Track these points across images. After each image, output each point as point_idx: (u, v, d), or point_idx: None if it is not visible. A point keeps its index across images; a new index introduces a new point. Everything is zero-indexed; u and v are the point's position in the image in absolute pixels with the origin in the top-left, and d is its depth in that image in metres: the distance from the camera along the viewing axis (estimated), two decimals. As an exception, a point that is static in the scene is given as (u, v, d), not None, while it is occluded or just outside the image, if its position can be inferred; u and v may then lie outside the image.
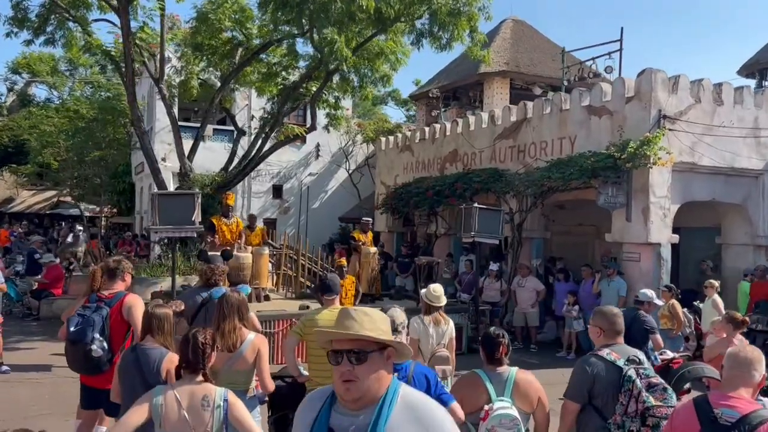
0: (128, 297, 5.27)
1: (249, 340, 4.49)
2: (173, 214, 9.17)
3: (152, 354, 4.21)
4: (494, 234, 11.79)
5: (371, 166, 24.11)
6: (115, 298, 5.24)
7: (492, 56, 19.83)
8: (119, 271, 5.32)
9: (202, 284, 5.72)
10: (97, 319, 5.10)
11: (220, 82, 18.36)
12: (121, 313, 5.17)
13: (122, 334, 5.21)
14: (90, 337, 5.04)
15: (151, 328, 4.30)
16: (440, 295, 5.94)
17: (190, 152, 16.20)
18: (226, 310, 4.51)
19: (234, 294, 4.68)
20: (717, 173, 11.79)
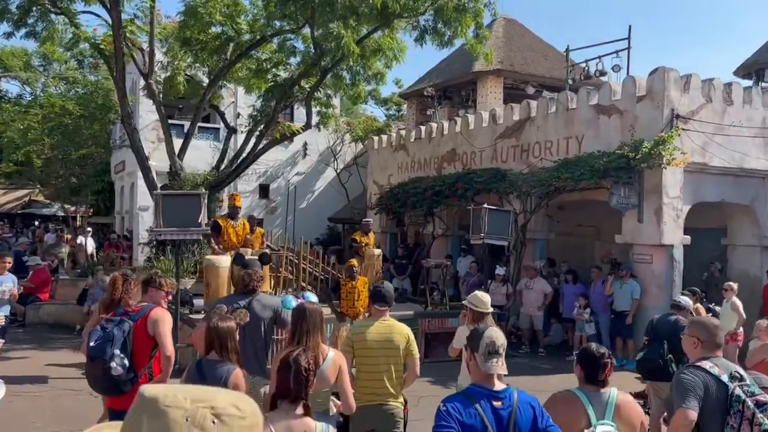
0: (154, 311, 4.83)
1: (330, 357, 4.11)
2: (178, 215, 8.71)
3: (219, 370, 3.87)
4: (503, 235, 11.51)
5: (360, 166, 23.72)
6: (141, 311, 4.81)
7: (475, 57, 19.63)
8: (153, 283, 4.89)
9: (240, 291, 5.29)
10: (117, 333, 4.65)
11: (207, 79, 17.85)
12: (146, 328, 4.73)
13: (147, 351, 4.77)
14: (109, 353, 4.59)
15: (214, 345, 3.96)
16: (487, 301, 5.60)
17: (180, 151, 15.64)
18: (309, 324, 4.10)
19: (315, 306, 4.28)
20: (726, 174, 11.67)
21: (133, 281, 5.92)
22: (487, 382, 3.02)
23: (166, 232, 8.68)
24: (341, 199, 23.34)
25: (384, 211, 17.25)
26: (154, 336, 4.73)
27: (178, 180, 14.92)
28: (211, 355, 3.94)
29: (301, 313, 4.18)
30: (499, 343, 3.06)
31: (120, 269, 6.24)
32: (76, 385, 8.76)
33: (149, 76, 14.95)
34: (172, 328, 5.03)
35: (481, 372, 3.02)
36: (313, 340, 4.04)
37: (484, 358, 3.00)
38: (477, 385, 3.03)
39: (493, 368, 2.99)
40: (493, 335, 3.07)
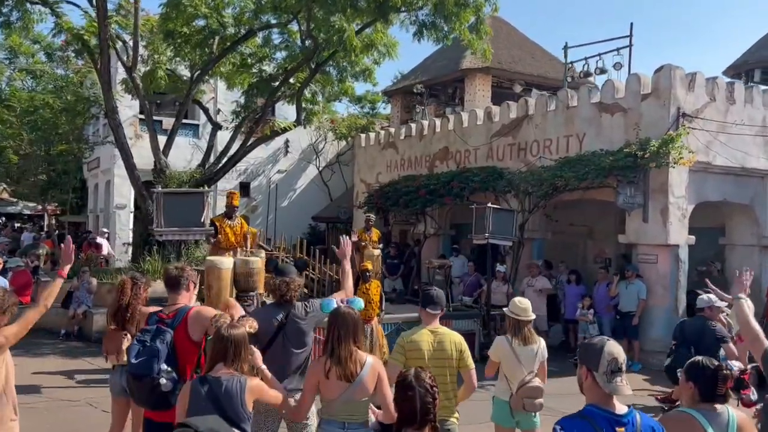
0: (193, 311, 4.40)
1: (368, 365, 3.76)
2: (179, 214, 8.27)
3: (229, 385, 3.49)
4: (508, 235, 11.30)
5: (343, 164, 23.34)
6: (178, 316, 4.35)
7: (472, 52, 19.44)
8: (183, 280, 4.42)
9: (276, 301, 4.88)
10: (161, 347, 4.19)
11: (189, 73, 17.28)
12: (187, 332, 4.30)
13: (192, 357, 4.34)
14: (156, 369, 4.14)
15: (226, 355, 3.56)
16: (527, 308, 5.27)
17: (165, 147, 15.10)
18: (342, 331, 3.75)
19: (348, 310, 3.92)
20: (728, 173, 11.65)
21: (142, 285, 5.48)
22: (608, 403, 2.73)
23: (167, 232, 8.22)
24: (323, 197, 22.93)
25: (374, 210, 16.89)
26: (198, 341, 4.30)
27: (163, 177, 14.39)
28: (217, 370, 3.56)
29: (333, 318, 3.87)
30: (621, 359, 2.77)
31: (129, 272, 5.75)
32: (72, 395, 8.27)
33: (132, 70, 14.37)
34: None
35: (603, 392, 2.72)
36: (345, 348, 3.72)
37: (606, 378, 2.70)
38: (596, 407, 2.73)
39: (619, 389, 2.70)
40: (614, 350, 2.77)
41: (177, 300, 4.42)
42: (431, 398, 2.64)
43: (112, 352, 5.30)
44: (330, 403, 3.77)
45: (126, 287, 5.29)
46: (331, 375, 3.69)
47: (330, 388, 3.74)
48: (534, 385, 4.96)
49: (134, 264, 13.42)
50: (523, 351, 5.07)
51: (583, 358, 2.83)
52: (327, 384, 3.73)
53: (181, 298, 4.43)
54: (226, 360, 3.56)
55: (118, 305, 5.31)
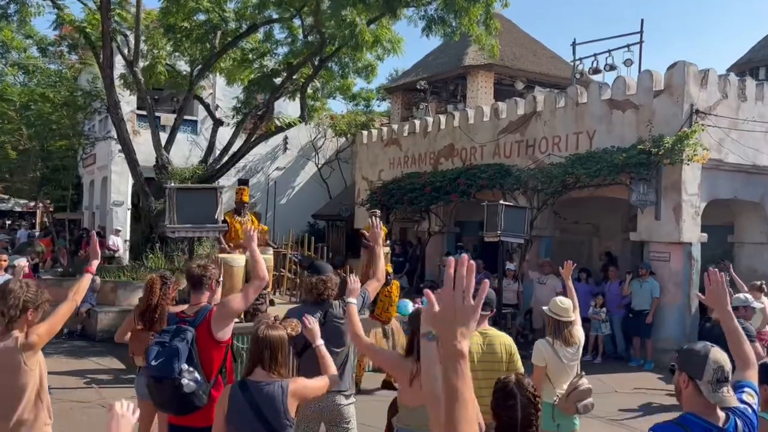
0: (216, 309, 4.23)
1: None
2: (193, 211, 8.08)
3: (271, 391, 3.31)
4: (519, 233, 11.19)
5: (342, 161, 23.18)
6: (200, 314, 4.15)
7: (475, 49, 19.32)
8: (206, 279, 4.24)
9: (313, 300, 4.71)
10: (182, 346, 4.00)
11: (189, 68, 17.06)
12: (210, 331, 4.11)
13: (215, 358, 4.17)
14: (177, 369, 3.95)
15: (262, 358, 3.36)
16: (569, 307, 5.12)
17: (167, 143, 14.87)
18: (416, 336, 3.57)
19: None
20: (739, 171, 11.59)
21: (171, 284, 5.31)
22: (710, 414, 2.56)
23: (181, 229, 8.02)
24: (322, 195, 22.76)
25: (377, 207, 16.73)
26: (222, 340, 4.13)
27: (165, 173, 14.16)
28: (256, 374, 3.36)
29: (416, 321, 3.65)
30: (728, 367, 2.61)
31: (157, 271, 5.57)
32: (83, 396, 8.07)
33: (134, 64, 14.12)
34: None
35: (706, 402, 2.56)
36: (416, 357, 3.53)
37: (711, 387, 2.53)
38: (696, 416, 2.56)
39: (726, 399, 2.54)
40: (720, 358, 2.61)
41: (200, 300, 4.23)
42: (534, 409, 2.48)
43: (140, 353, 5.11)
44: (411, 411, 3.56)
45: (155, 286, 5.11)
46: (415, 382, 3.47)
47: (413, 395, 3.50)
48: (586, 387, 4.81)
49: (136, 262, 13.19)
50: (566, 352, 4.93)
51: (685, 365, 2.65)
52: (410, 391, 3.51)
53: (204, 297, 4.25)
54: (263, 364, 3.36)
55: (147, 305, 5.13)
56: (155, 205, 13.66)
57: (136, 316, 5.23)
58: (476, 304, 1.61)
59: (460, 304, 1.59)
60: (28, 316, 3.46)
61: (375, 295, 4.85)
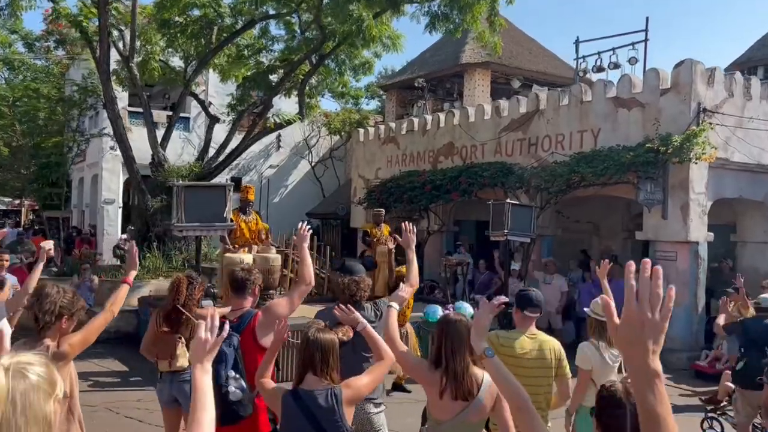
0: (262, 314, 4.07)
1: (487, 382, 3.33)
2: (201, 209, 7.87)
3: (325, 399, 3.13)
4: (526, 232, 11.08)
5: (336, 159, 22.99)
6: (244, 320, 4.01)
7: (472, 47, 19.21)
8: (250, 283, 4.08)
9: (344, 302, 4.53)
10: (228, 351, 3.84)
11: (184, 64, 16.79)
12: (254, 337, 3.96)
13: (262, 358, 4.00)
14: (223, 376, 3.78)
15: (313, 362, 3.19)
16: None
17: (163, 140, 14.60)
18: (455, 343, 3.33)
19: (460, 318, 3.56)
20: (744, 170, 11.57)
21: (198, 285, 5.12)
22: None
23: (189, 228, 7.81)
24: (316, 193, 22.56)
25: (375, 205, 16.57)
26: (265, 347, 3.96)
27: (161, 171, 13.92)
28: (307, 381, 3.18)
29: (444, 328, 3.42)
30: None
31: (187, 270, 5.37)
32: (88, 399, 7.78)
33: (130, 59, 13.84)
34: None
35: None
36: (460, 362, 3.31)
37: None
38: None
39: None
40: None
41: (242, 304, 4.07)
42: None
43: (164, 357, 4.92)
44: (440, 424, 3.38)
45: (182, 286, 4.92)
46: (445, 395, 3.29)
47: (443, 407, 3.33)
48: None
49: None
50: (611, 354, 4.80)
51: None
52: (439, 404, 3.33)
53: (247, 302, 4.10)
54: (314, 369, 3.19)
55: (173, 306, 4.93)
56: (152, 203, 13.40)
57: (161, 317, 5.03)
58: (664, 315, 1.45)
59: (649, 317, 1.43)
60: (63, 323, 3.26)
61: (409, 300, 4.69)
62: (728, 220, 12.82)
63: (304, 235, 4.08)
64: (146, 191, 13.49)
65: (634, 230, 14.79)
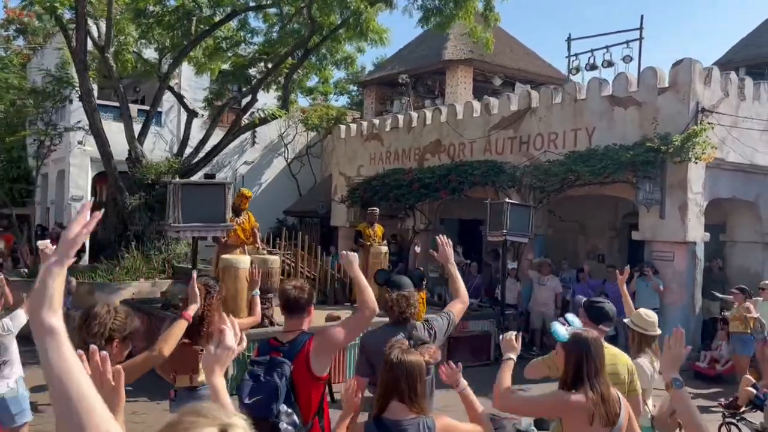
0: (316, 340, 3.61)
1: (623, 401, 3.09)
2: (200, 208, 7.42)
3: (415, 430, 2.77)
4: (524, 232, 10.87)
5: (313, 156, 22.53)
6: (296, 344, 3.54)
7: (454, 43, 18.99)
8: (303, 301, 3.63)
9: (393, 320, 4.13)
10: (280, 384, 3.41)
11: (158, 56, 16.16)
12: (308, 365, 3.50)
13: (314, 396, 3.58)
14: (275, 410, 3.37)
15: (399, 388, 2.81)
16: (654, 321, 4.71)
17: (140, 135, 13.97)
18: (598, 362, 3.03)
19: (594, 334, 3.21)
20: (738, 170, 11.58)
21: (216, 294, 4.66)
22: None
23: (187, 228, 7.34)
24: (292, 191, 22.07)
25: (359, 204, 16.23)
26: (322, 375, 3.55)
27: (139, 167, 13.31)
28: (392, 410, 2.82)
29: (582, 346, 3.08)
30: None
31: (202, 276, 4.90)
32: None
33: (106, 49, 13.19)
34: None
35: None
36: (605, 383, 3.05)
37: None
38: None
39: None
40: None
41: (295, 326, 3.62)
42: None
43: (185, 372, 4.47)
44: None
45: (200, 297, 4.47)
46: (596, 420, 2.96)
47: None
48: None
49: (110, 261, 12.29)
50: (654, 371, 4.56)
51: None
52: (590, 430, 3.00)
53: (301, 323, 3.64)
54: (401, 395, 2.80)
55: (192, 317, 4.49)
56: (130, 201, 12.79)
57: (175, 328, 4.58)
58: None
59: None
60: (114, 348, 2.82)
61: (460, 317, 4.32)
62: (717, 220, 12.82)
63: (350, 258, 3.68)
64: (124, 188, 12.87)
65: (621, 229, 14.86)
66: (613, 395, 3.05)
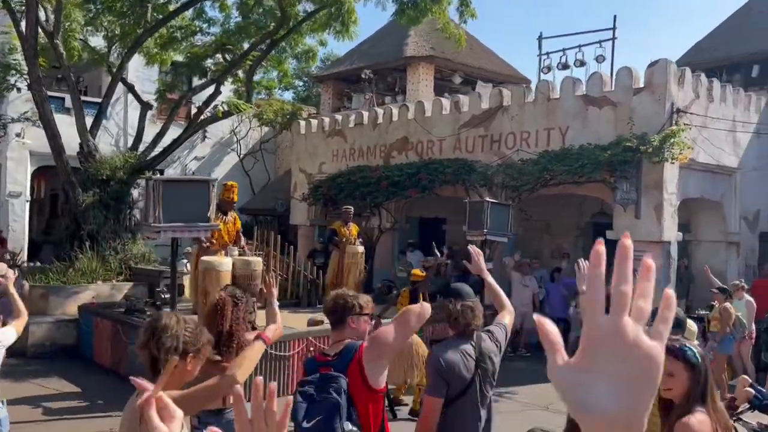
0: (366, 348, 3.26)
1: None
2: (182, 207, 6.88)
3: None
4: (504, 231, 10.72)
5: (267, 152, 21.88)
6: (345, 355, 3.18)
7: (415, 39, 18.77)
8: (347, 313, 3.28)
9: (458, 332, 3.78)
10: (341, 400, 3.04)
11: (107, 45, 15.26)
12: (363, 377, 3.15)
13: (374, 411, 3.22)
14: (339, 430, 3.01)
15: None
16: (695, 332, 4.56)
17: (92, 128, 13.12)
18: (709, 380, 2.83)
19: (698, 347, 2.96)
20: (706, 170, 11.79)
21: (243, 305, 4.22)
22: None
23: (168, 228, 6.80)
24: (245, 187, 21.31)
25: (323, 201, 15.80)
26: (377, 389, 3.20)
27: (92, 162, 12.48)
28: None
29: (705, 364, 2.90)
30: None
31: (226, 286, 4.42)
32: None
33: (55, 35, 12.29)
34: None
35: None
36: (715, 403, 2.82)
37: None
38: None
39: None
40: None
41: (340, 336, 3.26)
42: None
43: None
44: None
45: (227, 309, 4.02)
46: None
47: None
48: None
49: (62, 263, 11.45)
50: None
51: None
52: None
53: (345, 332, 3.28)
54: None
55: (219, 332, 4.03)
56: (83, 198, 11.97)
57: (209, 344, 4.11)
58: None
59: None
60: (187, 364, 2.40)
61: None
62: (682, 220, 13.04)
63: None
64: (77, 184, 12.03)
65: (585, 229, 14.98)
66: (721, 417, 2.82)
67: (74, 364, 9.34)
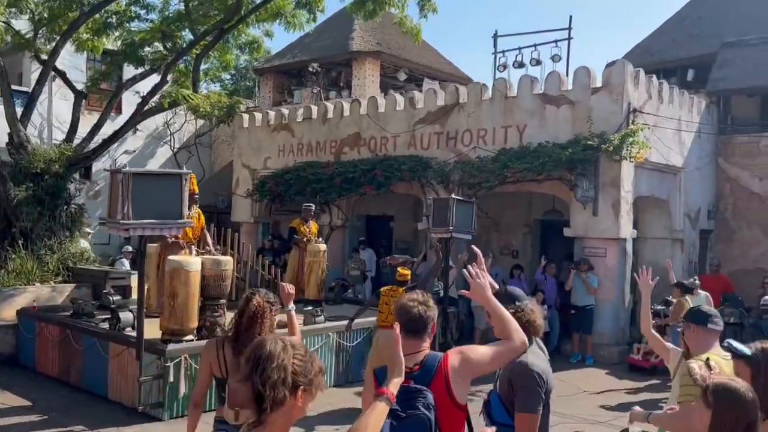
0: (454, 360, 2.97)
1: None
2: (154, 203, 6.37)
3: None
4: (469, 229, 10.60)
5: (202, 145, 21.04)
6: (429, 366, 2.89)
7: (360, 34, 18.49)
8: (429, 320, 2.98)
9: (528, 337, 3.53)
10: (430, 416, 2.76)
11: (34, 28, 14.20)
12: (450, 392, 2.87)
13: (460, 427, 2.96)
14: None
15: None
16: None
17: (23, 118, 12.13)
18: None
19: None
20: (656, 169, 12.13)
21: (274, 309, 3.83)
22: None
23: (138, 226, 6.26)
24: (179, 183, 20.44)
25: (271, 199, 15.29)
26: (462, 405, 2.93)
27: (25, 154, 11.55)
28: None
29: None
30: None
31: (255, 290, 3.98)
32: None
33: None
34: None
35: None
36: None
37: None
38: None
39: None
40: None
41: (418, 347, 2.96)
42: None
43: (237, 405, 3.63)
44: None
45: (265, 314, 3.64)
46: None
47: None
48: None
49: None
50: None
51: None
52: None
53: (424, 344, 2.99)
54: None
55: (248, 333, 3.64)
56: (15, 193, 11.03)
57: (229, 355, 3.71)
58: None
59: None
60: (298, 399, 2.01)
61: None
62: (630, 217, 13.43)
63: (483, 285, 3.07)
64: (7, 178, 11.07)
65: (533, 226, 15.16)
66: None
67: (15, 374, 8.55)
